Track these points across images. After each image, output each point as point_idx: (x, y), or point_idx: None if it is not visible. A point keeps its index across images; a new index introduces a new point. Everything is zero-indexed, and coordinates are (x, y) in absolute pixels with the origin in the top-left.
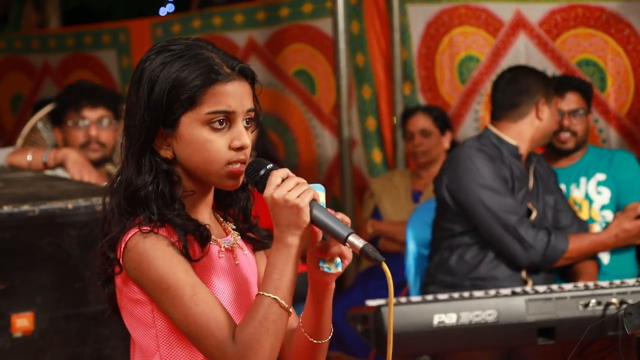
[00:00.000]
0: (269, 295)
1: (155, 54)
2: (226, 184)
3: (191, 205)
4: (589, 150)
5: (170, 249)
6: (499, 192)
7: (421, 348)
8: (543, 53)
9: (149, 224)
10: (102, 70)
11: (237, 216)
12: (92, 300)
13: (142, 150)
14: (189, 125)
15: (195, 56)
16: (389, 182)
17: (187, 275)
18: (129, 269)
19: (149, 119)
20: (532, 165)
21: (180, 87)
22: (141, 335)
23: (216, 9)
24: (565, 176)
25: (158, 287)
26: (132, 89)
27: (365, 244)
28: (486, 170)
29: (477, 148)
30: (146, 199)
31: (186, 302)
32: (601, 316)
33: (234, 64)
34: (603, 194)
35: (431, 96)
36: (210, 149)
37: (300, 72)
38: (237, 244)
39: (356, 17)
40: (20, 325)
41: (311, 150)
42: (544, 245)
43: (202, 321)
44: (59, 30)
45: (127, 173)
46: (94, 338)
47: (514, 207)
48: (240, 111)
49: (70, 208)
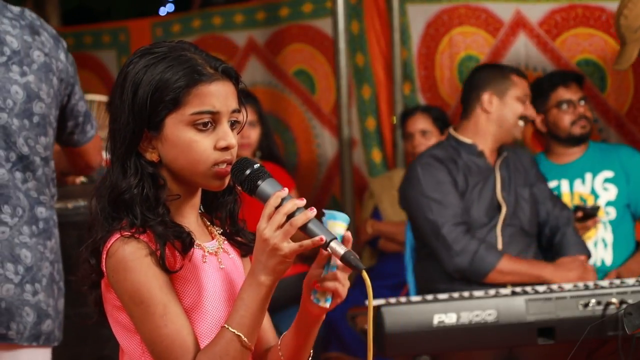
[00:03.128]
0: (233, 331)
1: (139, 57)
2: (212, 184)
3: (177, 209)
4: (590, 145)
5: (148, 259)
6: (436, 201)
7: (421, 348)
8: (543, 53)
9: (131, 229)
10: (102, 70)
11: (224, 220)
12: None
13: (127, 154)
14: (174, 127)
15: (179, 57)
16: (389, 182)
17: (161, 292)
18: (109, 276)
19: (133, 122)
20: (499, 159)
21: (163, 88)
22: (126, 341)
23: (216, 9)
24: (568, 172)
25: (131, 300)
26: (116, 92)
27: (346, 251)
28: (428, 179)
29: (428, 155)
30: (131, 202)
31: (156, 321)
32: (601, 316)
33: (217, 65)
34: (609, 191)
35: (431, 96)
36: (196, 149)
37: (300, 72)
38: (222, 248)
39: (356, 17)
40: None
41: (311, 150)
42: (471, 254)
43: (167, 343)
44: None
45: (112, 177)
46: (94, 338)
47: (451, 215)
48: (225, 111)
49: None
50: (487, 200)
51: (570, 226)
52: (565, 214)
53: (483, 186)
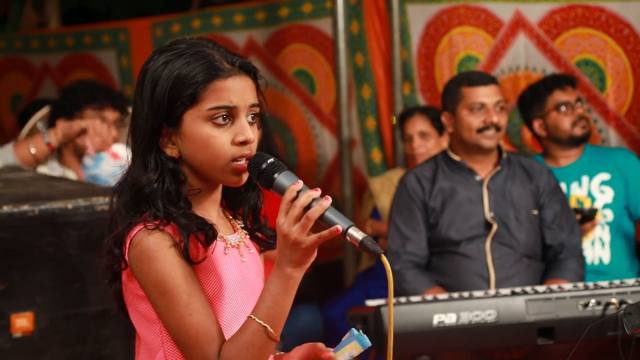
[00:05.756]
0: (259, 322)
1: (158, 54)
2: (231, 180)
3: (198, 203)
4: (587, 149)
5: (172, 250)
6: (396, 223)
7: (421, 348)
8: (542, 53)
9: (154, 220)
10: (101, 70)
11: (246, 215)
12: (92, 300)
13: (148, 150)
14: (192, 122)
15: (197, 54)
16: (388, 182)
17: (185, 282)
18: (132, 265)
19: (152, 118)
20: (492, 174)
21: (181, 84)
22: (146, 331)
23: (216, 9)
24: (565, 175)
25: (155, 290)
26: (137, 89)
27: (364, 237)
28: (395, 200)
29: (410, 172)
30: (152, 196)
31: (180, 310)
32: (601, 316)
33: (234, 60)
34: (606, 193)
35: (431, 96)
36: (214, 144)
37: (300, 72)
38: (244, 242)
39: (356, 17)
40: (20, 325)
41: (311, 150)
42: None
43: (192, 332)
44: (58, 30)
45: (134, 173)
46: (93, 338)
47: (401, 237)
48: (243, 106)
49: (70, 208)
50: (475, 216)
51: (575, 254)
52: (572, 239)
53: (472, 202)
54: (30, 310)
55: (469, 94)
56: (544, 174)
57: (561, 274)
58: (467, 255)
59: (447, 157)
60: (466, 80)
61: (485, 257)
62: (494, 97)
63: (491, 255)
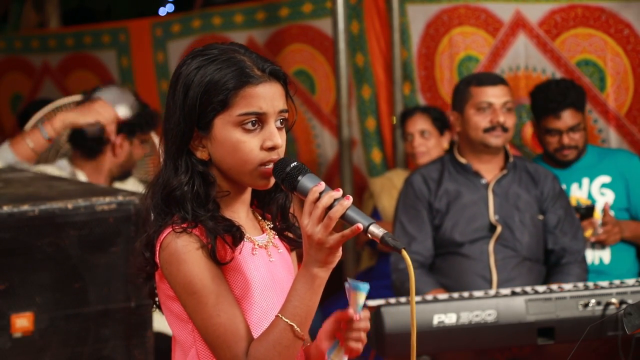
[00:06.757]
0: (287, 320)
1: (191, 59)
2: (258, 183)
3: (227, 205)
4: (588, 150)
5: (200, 252)
6: (402, 222)
7: (421, 348)
8: (542, 53)
9: (182, 223)
10: (101, 70)
11: (275, 215)
12: (92, 300)
13: (179, 152)
14: (222, 127)
15: (228, 60)
16: (388, 182)
17: (213, 283)
18: (162, 268)
19: (184, 122)
20: (498, 177)
21: (213, 90)
22: (179, 330)
23: (216, 9)
24: (565, 176)
25: (184, 291)
26: (170, 93)
27: (385, 233)
28: (401, 199)
29: (416, 172)
30: (182, 198)
31: (209, 310)
32: (601, 316)
33: (265, 66)
34: (606, 196)
35: (431, 96)
36: (243, 149)
37: (300, 72)
38: (272, 242)
39: (356, 17)
40: (20, 325)
41: (311, 150)
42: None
43: (220, 332)
44: (58, 30)
45: (164, 175)
46: (93, 338)
47: (407, 237)
48: (272, 112)
49: (70, 208)
50: (479, 219)
51: (578, 259)
52: (575, 245)
53: (477, 204)
54: (30, 310)
55: (477, 93)
56: (549, 180)
57: (564, 278)
58: (470, 256)
59: (453, 159)
60: (475, 80)
61: (488, 259)
62: (502, 98)
63: (494, 257)
